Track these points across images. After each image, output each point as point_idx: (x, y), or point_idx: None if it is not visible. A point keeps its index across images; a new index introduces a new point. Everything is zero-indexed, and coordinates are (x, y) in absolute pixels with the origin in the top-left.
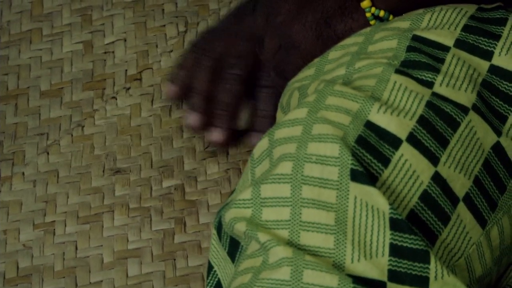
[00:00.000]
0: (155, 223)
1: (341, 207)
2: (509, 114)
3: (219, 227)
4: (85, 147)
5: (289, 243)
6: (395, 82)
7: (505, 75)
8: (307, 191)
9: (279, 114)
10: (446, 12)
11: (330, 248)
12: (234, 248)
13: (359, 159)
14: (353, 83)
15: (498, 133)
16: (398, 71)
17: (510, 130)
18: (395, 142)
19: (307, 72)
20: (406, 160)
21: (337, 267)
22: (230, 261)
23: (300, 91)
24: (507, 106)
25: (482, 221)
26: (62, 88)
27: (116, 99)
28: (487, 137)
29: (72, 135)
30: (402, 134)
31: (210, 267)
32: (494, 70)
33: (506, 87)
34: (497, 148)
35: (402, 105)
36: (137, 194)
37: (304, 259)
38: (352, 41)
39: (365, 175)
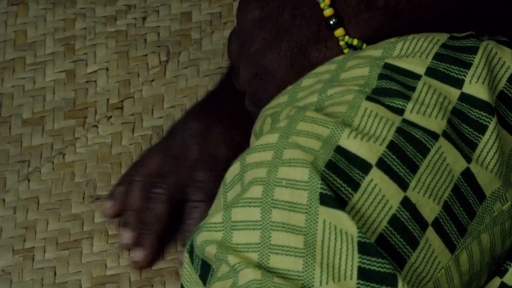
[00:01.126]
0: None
1: (310, 231)
2: (479, 141)
3: (191, 251)
4: (66, 174)
5: (259, 266)
6: (366, 108)
7: (475, 103)
8: (276, 214)
9: (252, 140)
10: (418, 41)
11: (299, 271)
12: (205, 271)
13: (329, 184)
14: (324, 110)
15: (468, 159)
16: (369, 98)
17: (480, 156)
18: (365, 167)
19: (280, 99)
20: (375, 185)
21: None
22: (202, 284)
23: (273, 117)
24: (477, 134)
25: (451, 246)
26: (44, 116)
27: (97, 127)
28: (457, 163)
29: (53, 163)
30: (372, 159)
31: None
32: (465, 98)
33: (476, 114)
34: (467, 174)
35: (373, 131)
36: (116, 221)
37: (273, 281)
38: (325, 69)
39: (334, 199)
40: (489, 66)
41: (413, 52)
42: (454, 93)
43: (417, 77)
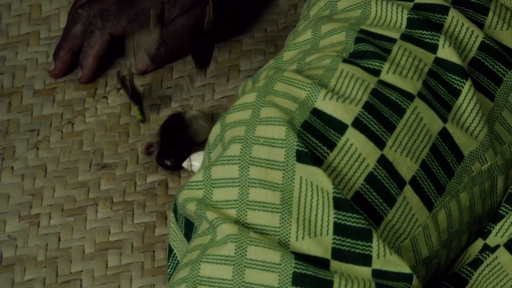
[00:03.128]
0: (137, 216)
1: (287, 187)
2: (453, 104)
3: (175, 210)
4: (74, 143)
5: (237, 222)
6: (342, 70)
7: (448, 66)
8: (254, 171)
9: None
10: (388, 5)
11: (275, 226)
12: (189, 230)
13: (305, 142)
14: (303, 73)
15: (444, 120)
16: (346, 61)
17: (455, 117)
18: (340, 127)
19: (265, 72)
20: (351, 144)
21: (282, 245)
22: (186, 242)
23: (253, 80)
24: (451, 96)
25: (429, 204)
26: (55, 87)
27: (107, 98)
28: (434, 123)
29: (62, 132)
30: (348, 120)
31: (171, 250)
32: (439, 62)
33: (450, 78)
34: (444, 134)
35: (348, 92)
36: (121, 188)
37: (249, 236)
38: (302, 39)
39: (310, 156)
40: (458, 36)
41: (386, 22)
42: (430, 56)
43: (392, 40)
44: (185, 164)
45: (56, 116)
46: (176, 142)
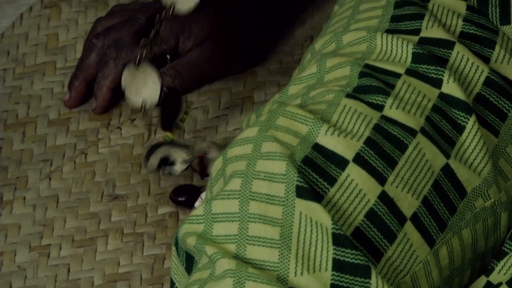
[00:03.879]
0: (147, 248)
1: (286, 222)
2: (457, 140)
3: (177, 243)
4: (87, 173)
5: (236, 257)
6: (345, 105)
7: (453, 102)
8: (254, 206)
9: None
10: (393, 40)
11: (274, 262)
12: (190, 263)
13: (305, 178)
14: (305, 108)
15: (447, 155)
16: (349, 96)
17: (458, 153)
18: (341, 163)
19: (269, 106)
20: (352, 180)
21: (281, 281)
22: (187, 276)
23: (257, 113)
24: (455, 132)
25: (430, 241)
26: (69, 118)
27: (121, 129)
28: (436, 159)
29: (75, 162)
30: (349, 155)
31: (172, 283)
32: (443, 97)
33: (454, 114)
34: (447, 170)
35: (350, 127)
36: (132, 220)
37: (247, 271)
38: (308, 73)
39: (310, 191)
40: (463, 71)
41: (391, 56)
42: (434, 91)
43: (397, 75)
44: (197, 204)
45: (70, 146)
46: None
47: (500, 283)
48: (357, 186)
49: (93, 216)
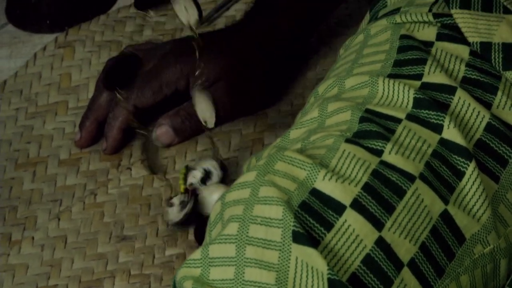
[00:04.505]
0: None
1: (282, 267)
2: (457, 186)
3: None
4: (95, 214)
5: None
6: (344, 150)
7: (453, 148)
8: (250, 251)
9: None
10: (394, 85)
11: None
12: None
13: (302, 223)
14: (305, 152)
15: (446, 201)
16: (348, 141)
17: (457, 199)
18: (339, 208)
19: (268, 150)
20: (349, 225)
21: None
22: None
23: (257, 157)
24: (455, 178)
25: (427, 287)
26: (80, 158)
27: (131, 169)
28: (435, 205)
29: (84, 203)
30: (346, 200)
31: None
32: (444, 143)
33: (454, 160)
34: (445, 216)
35: (348, 172)
36: (139, 261)
37: None
38: (309, 117)
39: (306, 237)
40: (464, 116)
41: (393, 101)
42: (434, 137)
43: (397, 120)
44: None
45: (80, 186)
46: None
47: None
48: (354, 232)
49: (101, 257)
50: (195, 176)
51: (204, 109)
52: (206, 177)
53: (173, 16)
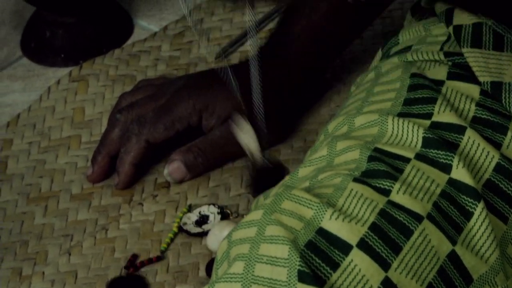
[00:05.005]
0: None
1: None
2: (465, 226)
3: None
4: (106, 249)
5: None
6: (352, 189)
7: (462, 188)
8: None
9: None
10: (403, 124)
11: None
12: None
13: (308, 262)
14: (312, 191)
15: (453, 242)
16: (356, 180)
17: (465, 240)
18: (345, 248)
19: (276, 189)
20: (355, 265)
21: None
22: None
23: (265, 196)
24: (463, 218)
25: None
26: (92, 193)
27: (143, 205)
28: (442, 245)
29: (95, 238)
30: (353, 240)
31: None
32: (452, 183)
33: (463, 200)
34: (453, 257)
35: (356, 212)
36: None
37: None
38: (318, 155)
39: (312, 277)
40: (473, 157)
41: (402, 140)
42: (443, 176)
43: (406, 160)
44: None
45: (91, 221)
46: None
47: None
48: (360, 272)
49: None
50: (190, 218)
51: (249, 141)
52: (201, 221)
53: (187, 51)
